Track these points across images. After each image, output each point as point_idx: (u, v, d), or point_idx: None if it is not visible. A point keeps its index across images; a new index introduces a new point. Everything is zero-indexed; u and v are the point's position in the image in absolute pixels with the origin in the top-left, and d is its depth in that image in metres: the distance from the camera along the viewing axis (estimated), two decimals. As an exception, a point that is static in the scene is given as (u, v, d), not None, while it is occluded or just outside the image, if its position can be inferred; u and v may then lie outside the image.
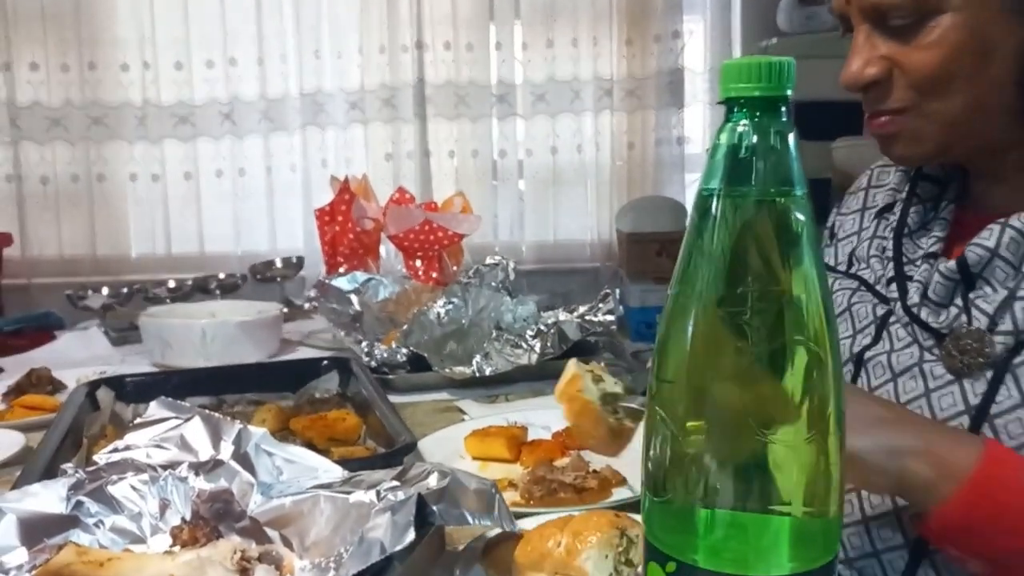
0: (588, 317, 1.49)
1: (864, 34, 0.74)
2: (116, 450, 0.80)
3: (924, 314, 0.78)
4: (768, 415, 0.43)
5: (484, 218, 2.65)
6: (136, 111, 2.88)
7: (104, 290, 2.07)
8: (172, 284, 2.14)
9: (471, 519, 0.66)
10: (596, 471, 0.99)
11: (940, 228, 0.81)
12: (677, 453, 0.44)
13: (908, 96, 0.74)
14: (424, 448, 1.07)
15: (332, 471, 0.77)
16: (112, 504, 0.75)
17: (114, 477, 0.76)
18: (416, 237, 1.87)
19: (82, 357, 1.69)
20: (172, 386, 1.23)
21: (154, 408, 0.84)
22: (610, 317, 1.49)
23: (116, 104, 2.88)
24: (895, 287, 0.82)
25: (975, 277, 0.75)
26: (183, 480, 0.76)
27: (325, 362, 1.38)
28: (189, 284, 2.15)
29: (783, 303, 0.43)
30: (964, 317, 0.74)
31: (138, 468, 0.77)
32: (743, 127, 0.43)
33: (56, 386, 1.44)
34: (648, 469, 0.46)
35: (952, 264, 0.76)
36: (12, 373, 1.50)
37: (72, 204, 2.91)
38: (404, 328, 1.50)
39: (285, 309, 1.88)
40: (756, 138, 0.43)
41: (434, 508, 0.63)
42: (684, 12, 3.00)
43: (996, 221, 0.74)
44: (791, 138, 0.43)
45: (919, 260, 0.81)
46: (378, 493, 0.66)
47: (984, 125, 0.74)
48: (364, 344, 1.51)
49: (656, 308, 1.74)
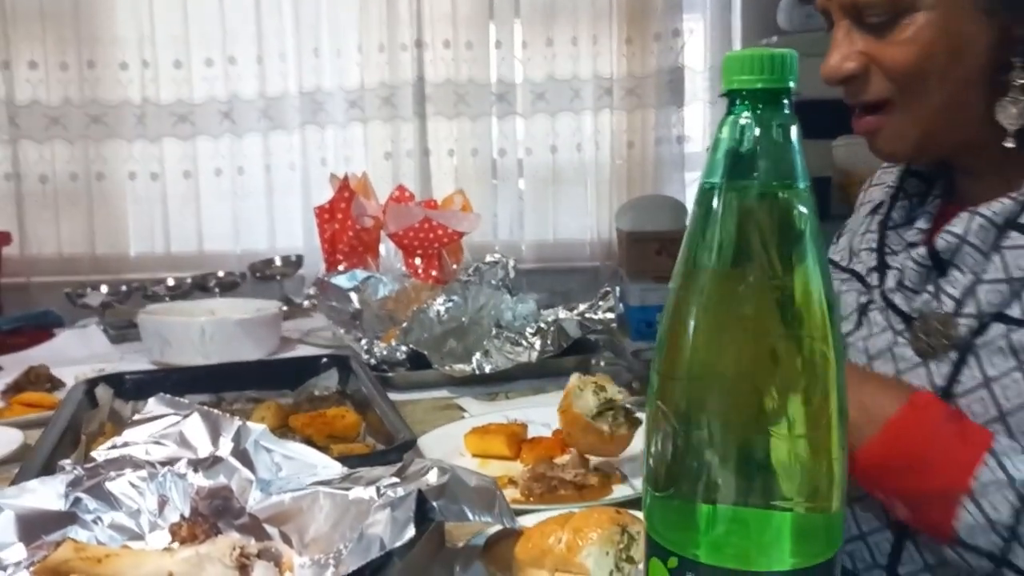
0: (588, 315, 1.49)
1: (844, 30, 0.77)
2: (115, 447, 0.80)
3: (898, 299, 0.81)
4: (770, 410, 0.42)
5: (484, 217, 2.65)
6: (135, 109, 2.88)
7: (103, 288, 2.06)
8: (171, 282, 2.13)
9: (471, 515, 0.65)
10: (597, 468, 0.99)
11: (924, 221, 0.84)
12: (679, 448, 0.44)
13: (885, 89, 0.76)
14: (424, 445, 1.06)
15: (331, 468, 0.77)
16: (110, 501, 0.75)
17: (112, 474, 0.76)
18: (416, 235, 1.87)
19: (81, 355, 1.69)
20: (171, 384, 1.21)
21: (153, 405, 0.83)
22: (610, 315, 1.49)
23: (115, 103, 2.88)
24: (877, 276, 0.86)
25: (946, 264, 0.78)
26: (182, 477, 0.76)
27: (324, 360, 1.37)
28: (188, 282, 2.15)
29: (785, 297, 0.43)
30: (935, 302, 0.77)
31: (137, 465, 0.77)
32: (745, 119, 0.43)
33: (55, 384, 1.44)
34: (650, 464, 0.46)
35: (923, 251, 0.79)
36: (11, 371, 1.49)
37: (71, 203, 2.91)
38: (404, 326, 1.50)
39: (284, 307, 1.87)
40: (758, 131, 0.43)
41: (434, 504, 0.63)
42: (684, 10, 3.00)
43: (967, 209, 0.77)
44: (794, 131, 0.43)
45: (900, 250, 0.84)
46: (378, 489, 0.66)
47: (962, 122, 0.76)
48: (364, 342, 1.51)
49: (656, 307, 1.74)
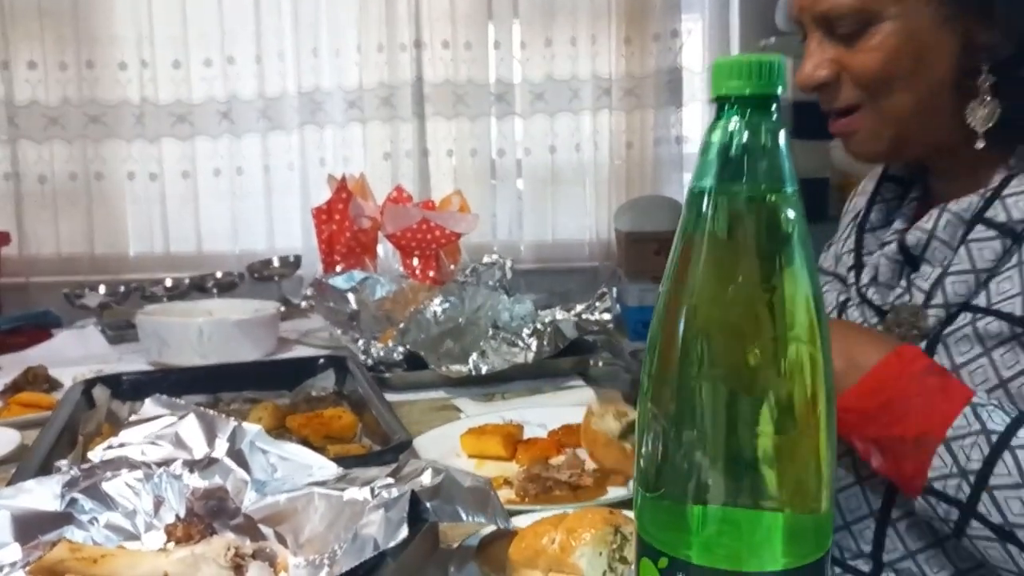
0: (585, 316, 1.49)
1: (816, 40, 0.80)
2: (111, 447, 0.80)
3: (871, 294, 0.85)
4: (759, 411, 0.43)
5: (482, 217, 2.65)
6: (134, 109, 2.89)
7: (101, 288, 2.06)
8: (169, 283, 2.13)
9: (465, 516, 0.66)
10: (596, 469, 0.99)
11: (900, 222, 0.88)
12: (669, 449, 0.44)
13: (855, 95, 0.80)
14: (420, 446, 1.07)
15: (326, 468, 0.77)
16: (106, 501, 0.75)
17: (108, 474, 0.76)
18: (413, 236, 1.87)
19: (79, 355, 1.69)
20: (168, 384, 1.22)
21: (149, 406, 0.84)
22: (607, 316, 1.49)
23: (114, 103, 2.88)
24: (854, 274, 0.89)
25: (918, 259, 0.81)
26: (177, 477, 0.76)
27: (322, 360, 1.37)
28: (186, 283, 2.15)
29: (774, 300, 0.43)
30: (907, 296, 0.80)
31: (132, 465, 0.77)
32: (734, 125, 0.43)
33: (52, 384, 1.44)
34: (640, 465, 0.46)
35: (895, 247, 0.83)
36: (9, 371, 1.49)
37: (70, 203, 2.92)
38: (401, 326, 1.50)
39: (282, 308, 1.87)
40: (747, 136, 0.43)
41: (428, 505, 0.63)
42: (683, 11, 3.00)
43: (936, 207, 0.80)
44: (782, 136, 0.44)
45: (876, 250, 0.87)
46: (372, 490, 0.66)
47: (932, 124, 0.79)
48: (361, 342, 1.51)
49: (654, 307, 1.74)
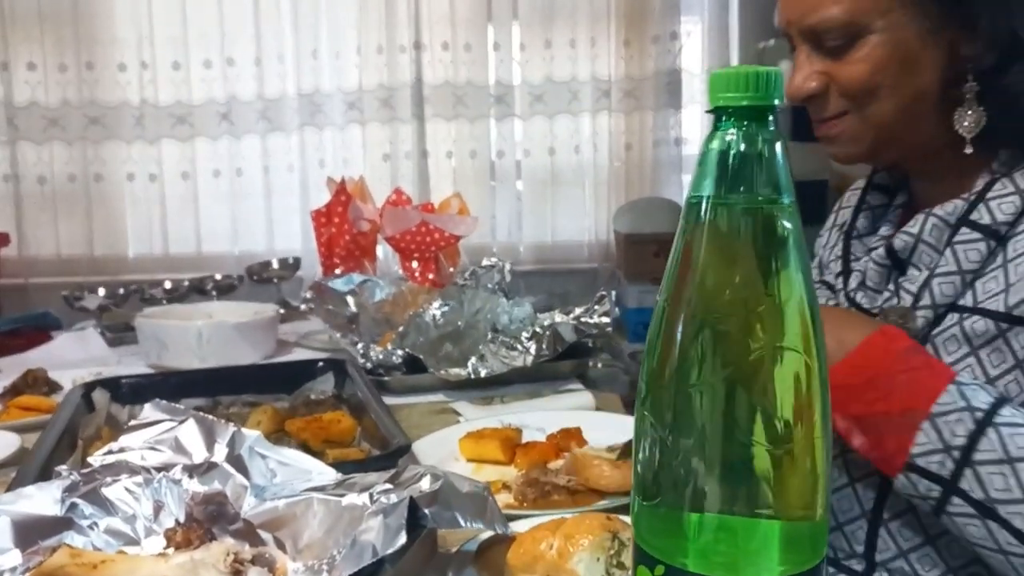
0: (584, 319, 1.49)
1: (804, 53, 0.84)
2: (110, 452, 0.80)
3: (860, 298, 0.87)
4: (755, 419, 0.43)
5: (482, 219, 2.65)
6: (134, 111, 2.89)
7: (100, 291, 2.06)
8: (168, 285, 2.13)
9: (463, 522, 0.66)
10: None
11: (887, 228, 0.90)
12: (665, 457, 0.45)
13: (842, 105, 0.83)
14: (419, 450, 1.07)
15: (325, 474, 0.77)
16: (106, 506, 0.75)
17: (108, 479, 0.76)
18: (413, 239, 1.87)
19: (78, 358, 1.69)
20: (168, 387, 1.22)
21: (148, 411, 0.84)
22: (606, 319, 1.49)
23: (114, 104, 2.88)
24: (842, 279, 0.91)
25: (905, 263, 0.84)
26: (177, 482, 0.77)
27: (321, 364, 1.37)
28: (185, 285, 2.14)
29: (770, 310, 0.43)
30: (896, 300, 0.82)
31: (132, 470, 0.77)
32: (731, 136, 0.44)
33: (52, 387, 1.44)
34: (637, 472, 0.47)
35: (882, 251, 0.86)
36: (8, 374, 1.49)
37: (69, 204, 2.92)
38: (400, 330, 1.50)
39: (281, 310, 1.87)
40: (744, 147, 0.44)
41: (426, 511, 0.63)
42: (682, 13, 3.00)
43: (922, 211, 0.82)
44: (779, 146, 0.44)
45: (863, 256, 0.90)
46: (371, 496, 0.66)
47: (914, 128, 0.82)
48: (360, 346, 1.51)
49: (653, 309, 1.74)
